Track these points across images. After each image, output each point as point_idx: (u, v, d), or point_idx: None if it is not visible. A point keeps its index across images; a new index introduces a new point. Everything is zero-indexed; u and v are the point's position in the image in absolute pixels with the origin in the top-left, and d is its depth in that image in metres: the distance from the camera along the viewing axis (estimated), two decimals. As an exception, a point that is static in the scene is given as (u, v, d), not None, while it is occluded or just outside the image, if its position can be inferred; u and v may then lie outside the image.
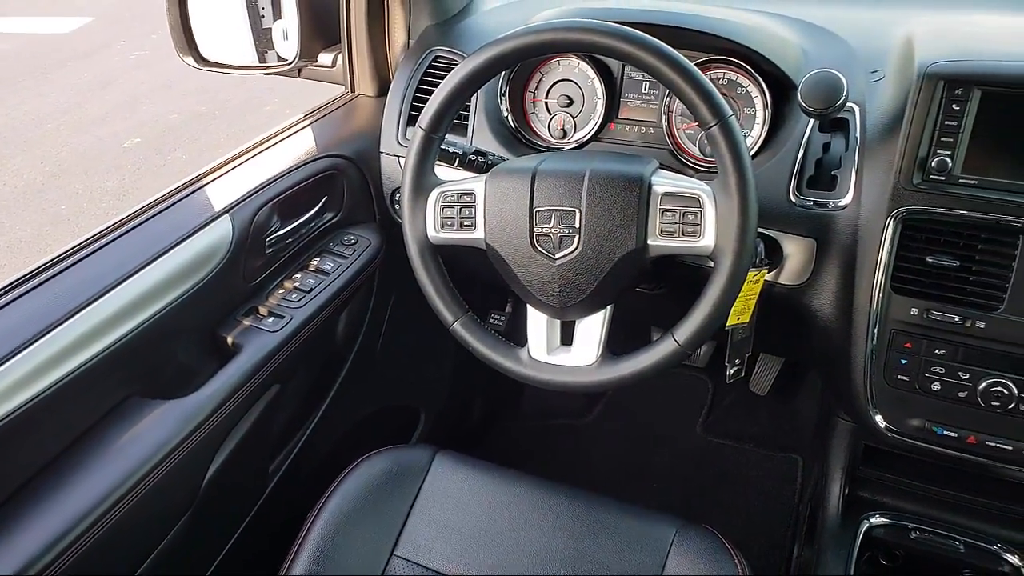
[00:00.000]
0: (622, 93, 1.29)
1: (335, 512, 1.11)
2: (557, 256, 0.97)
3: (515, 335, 1.11)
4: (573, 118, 1.31)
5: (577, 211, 0.95)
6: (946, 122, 0.96)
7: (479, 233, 1.01)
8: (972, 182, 0.97)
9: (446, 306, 1.04)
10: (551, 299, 0.99)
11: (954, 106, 0.96)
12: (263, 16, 1.53)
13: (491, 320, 1.64)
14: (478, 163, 1.12)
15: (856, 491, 1.27)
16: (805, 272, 1.11)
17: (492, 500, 1.13)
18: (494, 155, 1.14)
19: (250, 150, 1.30)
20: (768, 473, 1.90)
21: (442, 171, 1.07)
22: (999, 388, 0.99)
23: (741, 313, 1.12)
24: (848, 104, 1.08)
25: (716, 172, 0.92)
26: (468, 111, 1.30)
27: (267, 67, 1.53)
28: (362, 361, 1.50)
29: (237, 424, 1.14)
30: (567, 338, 1.04)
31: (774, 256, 1.12)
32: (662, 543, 1.06)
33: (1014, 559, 1.16)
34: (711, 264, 0.94)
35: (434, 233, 1.02)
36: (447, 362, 1.81)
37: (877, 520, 1.21)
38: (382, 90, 1.47)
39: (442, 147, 1.06)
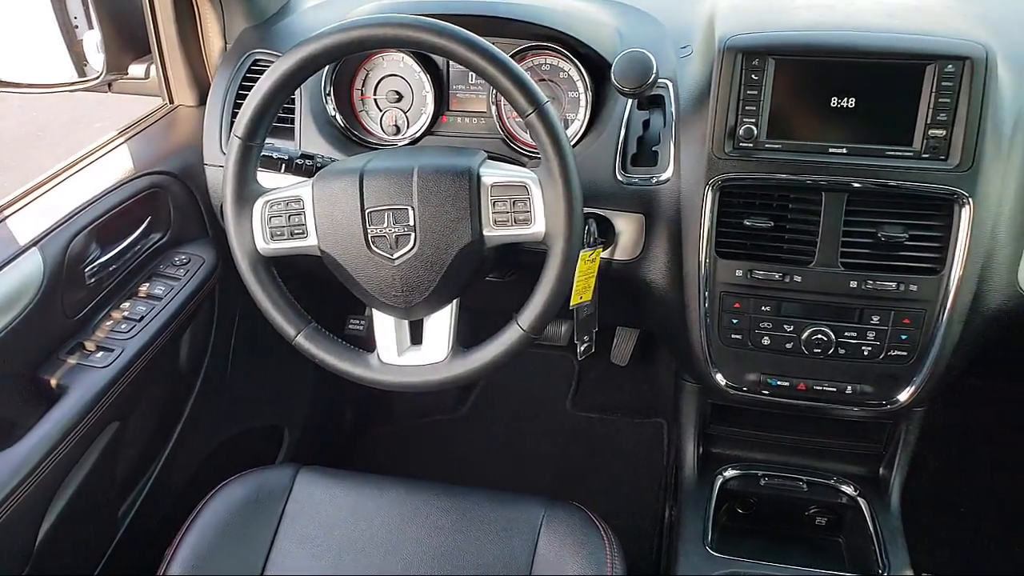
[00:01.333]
0: (450, 85, 1.29)
1: (194, 546, 1.06)
2: (395, 256, 0.96)
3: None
4: (404, 113, 1.29)
5: (410, 209, 0.95)
6: (748, 92, 1.02)
7: (311, 240, 0.98)
8: (777, 146, 1.03)
9: (286, 320, 1.00)
10: (395, 300, 0.98)
11: (753, 76, 1.02)
12: (76, 27, 1.41)
13: (350, 326, 1.60)
14: (306, 167, 1.08)
15: (709, 448, 1.34)
16: (637, 247, 1.16)
17: (359, 510, 1.11)
18: (323, 157, 1.11)
19: (58, 175, 1.21)
20: (637, 440, 1.97)
21: (269, 178, 1.03)
22: (819, 336, 1.06)
23: (583, 292, 1.15)
24: (661, 81, 1.12)
25: None
26: (294, 113, 1.26)
27: (70, 84, 1.42)
28: (212, 384, 1.43)
29: (72, 471, 1.06)
30: (417, 337, 1.03)
31: (608, 234, 1.16)
32: (532, 526, 1.08)
33: (849, 489, 1.25)
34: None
35: (264, 245, 0.99)
36: (307, 375, 1.76)
37: (730, 473, 1.28)
38: (202, 99, 1.40)
39: (265, 153, 1.02)
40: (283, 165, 1.07)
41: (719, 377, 1.14)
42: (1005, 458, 1.86)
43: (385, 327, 1.01)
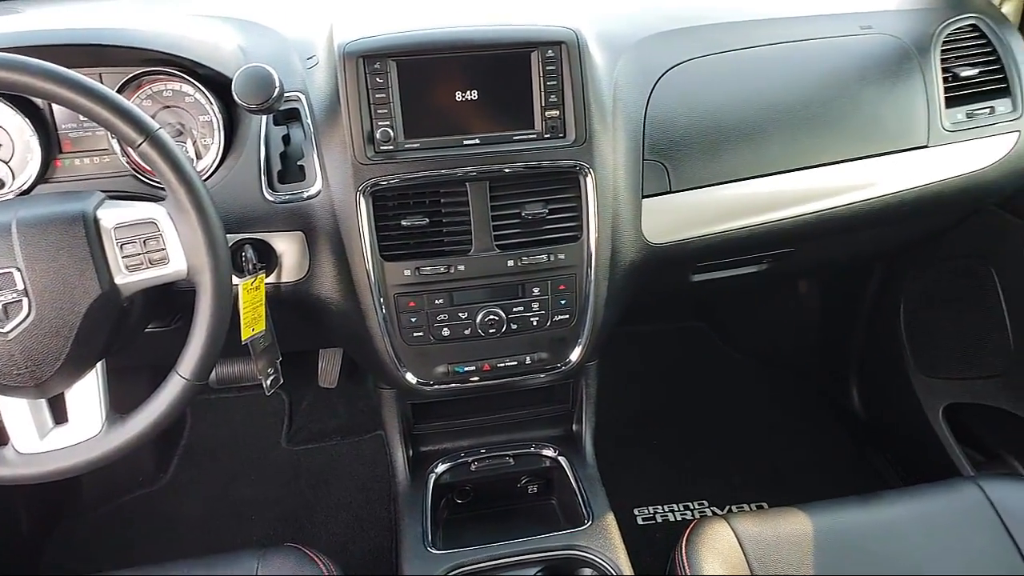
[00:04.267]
0: (57, 125, 1.14)
1: None
2: (8, 329, 0.82)
3: None
4: (6, 164, 1.12)
5: (15, 271, 0.82)
6: (377, 95, 1.03)
7: None
8: (416, 145, 1.06)
9: None
10: (20, 379, 0.84)
11: (378, 79, 1.03)
12: None
13: None
14: None
15: (419, 448, 1.35)
16: (303, 266, 1.12)
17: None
18: None
19: None
20: (360, 459, 1.93)
21: None
22: (492, 316, 1.12)
23: (254, 323, 1.09)
24: (292, 93, 1.10)
25: None
26: None
27: None
28: None
29: None
30: (62, 414, 0.90)
31: (269, 258, 1.11)
32: (246, 582, 1.00)
33: (550, 452, 1.34)
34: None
35: None
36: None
37: (441, 468, 1.31)
38: None
39: None
40: None
41: (410, 376, 1.15)
42: (656, 391, 2.13)
43: (16, 412, 0.87)
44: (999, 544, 1.08)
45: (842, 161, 1.27)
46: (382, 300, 1.09)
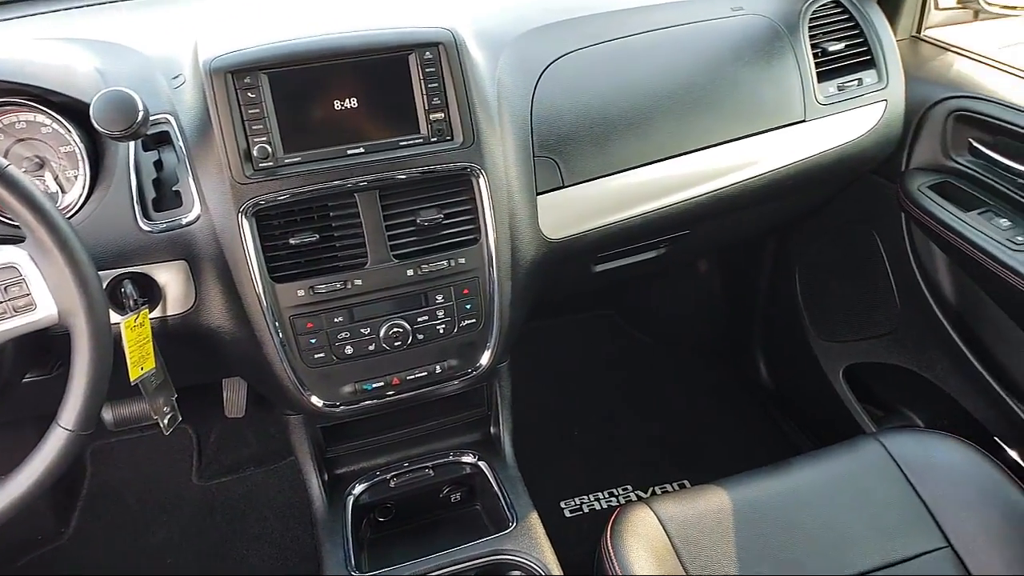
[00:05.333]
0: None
1: None
2: None
3: None
4: None
5: None
6: (250, 110, 0.98)
7: None
8: (297, 159, 1.01)
9: None
10: None
11: (250, 94, 0.98)
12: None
13: None
14: None
15: (334, 471, 1.31)
16: (189, 296, 1.06)
17: None
18: None
19: None
20: (277, 487, 1.87)
21: None
22: (396, 329, 1.09)
23: (142, 362, 1.03)
24: (159, 116, 1.04)
25: None
26: None
27: None
28: None
29: None
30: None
31: (152, 292, 1.05)
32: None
33: (469, 458, 1.33)
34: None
35: None
36: None
37: (359, 489, 1.27)
38: None
39: None
40: None
41: (315, 400, 1.10)
42: (571, 383, 2.15)
43: None
44: (902, 494, 1.13)
45: (727, 142, 1.30)
46: (277, 324, 1.05)
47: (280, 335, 1.05)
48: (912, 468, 1.16)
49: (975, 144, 1.35)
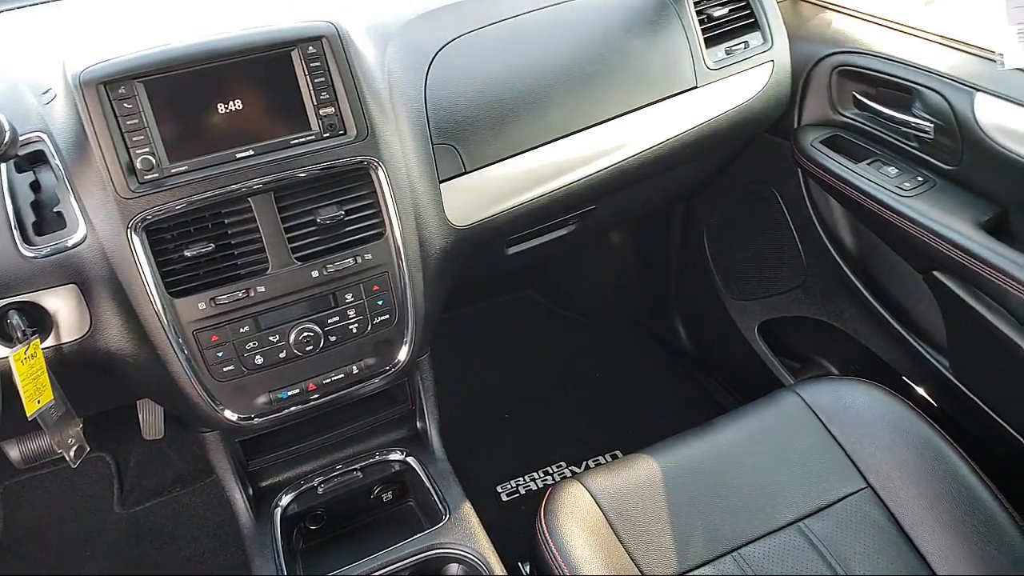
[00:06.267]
0: None
1: None
2: None
3: None
4: None
5: None
6: (128, 122, 0.94)
7: None
8: (184, 168, 0.97)
9: None
10: None
11: (126, 104, 0.93)
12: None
13: None
14: None
15: (259, 484, 1.28)
16: (84, 321, 1.01)
17: None
18: None
19: None
20: (206, 505, 1.81)
21: None
22: (307, 333, 1.06)
23: (38, 395, 0.97)
24: (31, 134, 0.98)
25: None
26: None
27: None
28: None
29: None
30: None
31: (42, 320, 0.99)
32: None
33: (397, 456, 1.31)
34: None
35: None
36: None
37: (285, 500, 1.24)
38: None
39: None
40: None
41: (229, 414, 1.07)
42: (498, 366, 2.15)
43: None
44: (822, 442, 1.17)
45: (623, 114, 1.30)
46: (180, 340, 1.01)
47: (185, 351, 1.01)
48: (828, 415, 1.20)
49: (859, 97, 1.40)
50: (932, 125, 1.26)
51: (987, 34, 1.24)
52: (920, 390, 1.46)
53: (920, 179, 1.29)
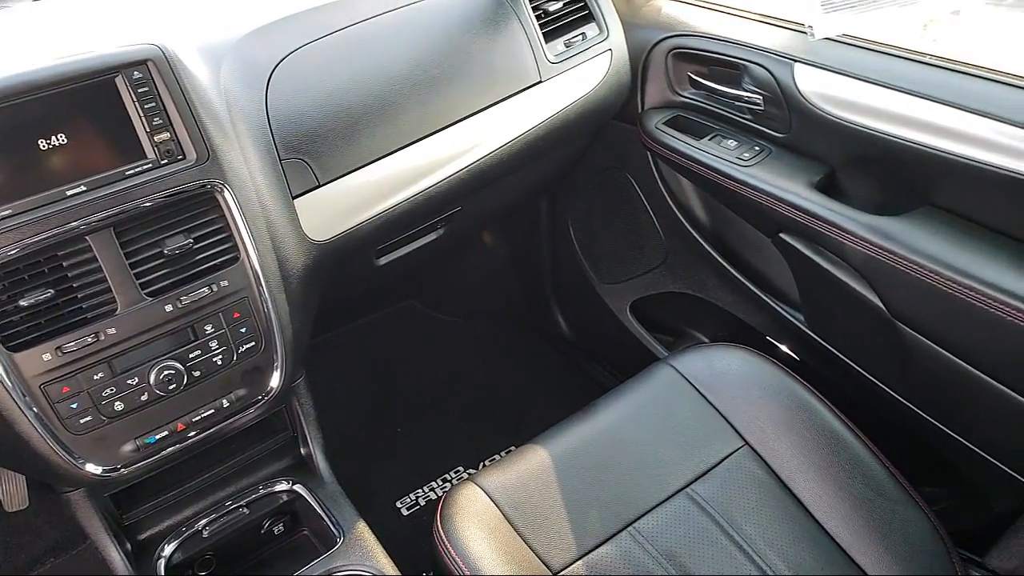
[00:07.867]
0: None
1: None
2: None
3: None
4: None
5: None
6: None
7: None
8: (7, 212, 0.89)
9: None
10: None
11: None
12: None
13: None
14: None
15: (137, 538, 1.20)
16: None
17: None
18: None
19: None
20: (85, 571, 1.68)
21: None
22: (168, 371, 1.01)
23: None
24: None
25: None
26: None
27: None
28: None
29: None
30: None
31: None
32: None
33: (283, 486, 1.26)
34: None
35: None
36: None
37: (168, 549, 1.17)
38: None
39: None
40: None
41: (92, 468, 1.00)
42: (385, 380, 2.13)
43: None
44: (699, 408, 1.22)
45: (473, 114, 1.32)
46: (27, 398, 0.93)
47: (34, 409, 0.94)
48: (702, 381, 1.25)
49: (694, 77, 1.47)
50: (761, 97, 1.34)
51: (799, 9, 1.33)
52: (784, 347, 1.55)
53: (757, 148, 1.37)
